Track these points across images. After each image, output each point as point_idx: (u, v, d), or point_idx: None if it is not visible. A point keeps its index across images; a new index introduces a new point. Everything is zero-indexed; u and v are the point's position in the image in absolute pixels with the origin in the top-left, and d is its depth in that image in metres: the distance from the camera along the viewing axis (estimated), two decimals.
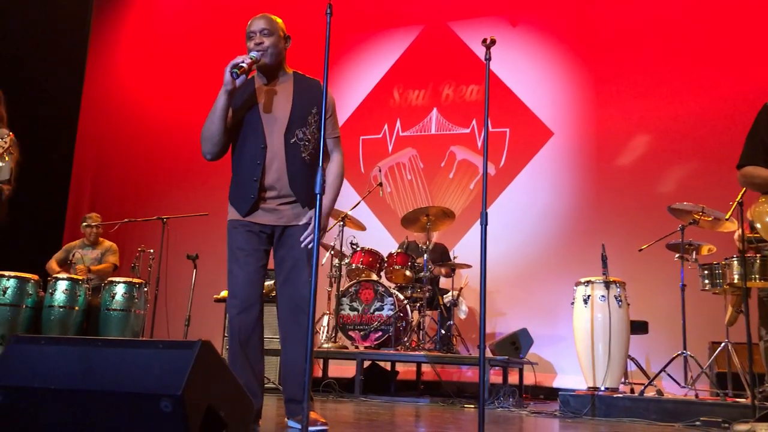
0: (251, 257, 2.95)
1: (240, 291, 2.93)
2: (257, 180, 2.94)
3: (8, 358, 1.92)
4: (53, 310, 5.83)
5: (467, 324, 6.87)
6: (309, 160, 3.01)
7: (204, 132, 2.98)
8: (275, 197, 2.96)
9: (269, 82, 3.05)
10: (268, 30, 3.01)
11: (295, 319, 2.93)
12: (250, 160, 2.95)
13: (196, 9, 8.95)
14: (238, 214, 3.00)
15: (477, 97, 7.65)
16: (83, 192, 8.78)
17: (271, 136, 2.96)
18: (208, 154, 3.01)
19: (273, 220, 2.97)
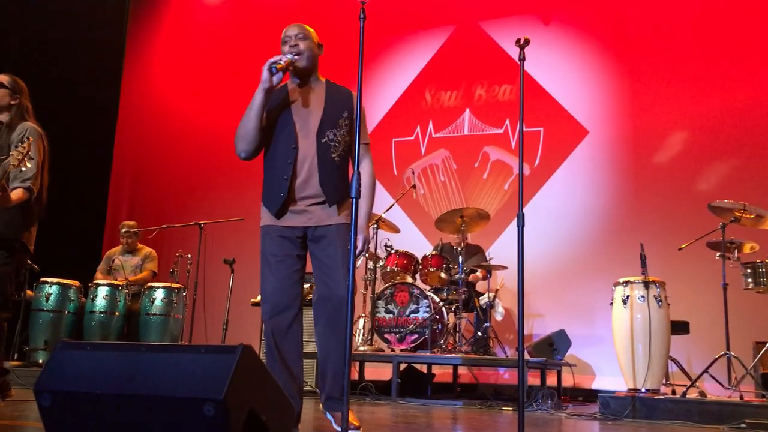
0: (283, 263, 2.98)
1: (271, 296, 2.96)
2: (287, 179, 2.96)
3: (55, 364, 1.96)
4: (94, 315, 5.95)
5: (504, 326, 6.83)
6: (338, 161, 3.04)
7: (239, 130, 3.03)
8: (305, 197, 2.98)
9: (302, 85, 3.11)
10: (303, 34, 3.08)
11: (333, 320, 2.94)
12: (281, 159, 3.00)
13: (230, 15, 9.05)
14: (270, 218, 3.03)
15: (510, 97, 7.60)
16: (121, 199, 8.93)
17: (302, 136, 3.00)
18: (243, 152, 3.06)
19: (303, 222, 2.99)
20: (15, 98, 3.75)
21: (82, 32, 8.28)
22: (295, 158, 2.97)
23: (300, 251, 3.02)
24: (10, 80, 3.77)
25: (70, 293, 6.00)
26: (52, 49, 7.80)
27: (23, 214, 3.61)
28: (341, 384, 2.90)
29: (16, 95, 3.75)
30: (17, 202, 3.51)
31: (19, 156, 3.31)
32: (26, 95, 3.81)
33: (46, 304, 5.88)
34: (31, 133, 3.60)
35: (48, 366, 1.97)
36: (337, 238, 2.98)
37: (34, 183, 3.57)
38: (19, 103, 3.75)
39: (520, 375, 2.60)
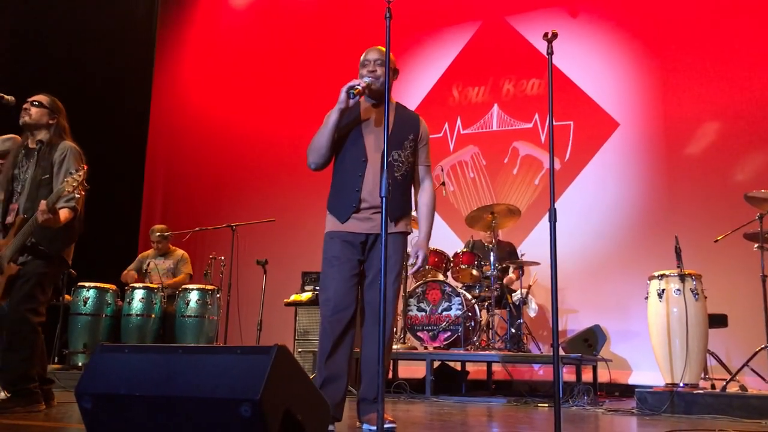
0: (345, 265, 3.13)
1: (334, 296, 3.10)
2: (359, 191, 3.15)
3: (95, 367, 2.00)
4: (131, 318, 6.05)
5: (537, 322, 6.78)
6: (401, 180, 3.22)
7: (313, 144, 3.21)
8: (368, 207, 3.15)
9: (375, 106, 3.28)
10: (381, 60, 3.23)
11: (376, 321, 3.08)
12: (351, 172, 3.18)
13: (257, 17, 9.11)
14: (335, 224, 3.19)
15: (538, 91, 7.53)
16: (155, 203, 9.05)
17: (371, 152, 3.17)
18: (313, 164, 3.24)
19: (366, 229, 3.15)
20: (53, 117, 3.85)
21: (112, 40, 8.41)
22: (364, 171, 3.15)
23: (360, 256, 3.17)
24: (48, 100, 3.87)
25: (107, 297, 6.11)
26: (84, 58, 7.93)
27: (66, 232, 3.74)
28: (376, 386, 3.04)
29: (54, 114, 3.86)
30: (65, 222, 3.64)
31: (75, 183, 3.43)
32: (63, 115, 3.92)
33: (84, 308, 6.00)
34: (72, 153, 3.71)
35: (88, 369, 2.01)
36: (392, 245, 3.14)
37: (77, 202, 3.69)
38: (57, 122, 3.86)
39: (555, 371, 2.58)
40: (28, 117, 3.79)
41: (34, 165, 3.76)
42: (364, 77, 3.19)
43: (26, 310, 3.60)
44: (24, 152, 3.85)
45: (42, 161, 3.74)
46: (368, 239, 3.15)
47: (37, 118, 3.80)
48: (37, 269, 3.66)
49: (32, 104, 3.81)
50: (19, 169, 3.81)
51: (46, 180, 3.67)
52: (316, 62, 8.34)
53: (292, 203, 7.75)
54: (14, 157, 3.87)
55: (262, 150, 8.42)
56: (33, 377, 3.66)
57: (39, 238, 3.66)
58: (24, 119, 3.80)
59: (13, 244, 3.67)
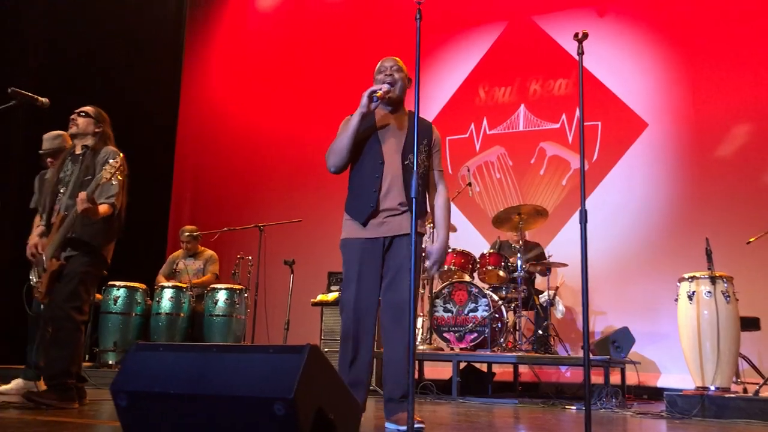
0: (363, 272, 3.19)
1: (354, 302, 3.17)
2: (376, 191, 3.22)
3: (130, 365, 2.03)
4: (160, 317, 6.12)
5: (564, 324, 6.74)
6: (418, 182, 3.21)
7: (333, 147, 3.30)
8: (385, 210, 3.22)
9: (391, 112, 3.37)
10: (398, 67, 3.37)
11: (397, 321, 3.12)
12: (369, 175, 3.25)
13: (286, 19, 9.15)
14: (353, 230, 3.26)
15: (566, 91, 7.48)
16: (183, 203, 9.14)
17: (388, 155, 3.27)
18: (333, 167, 3.32)
19: (382, 232, 3.22)
20: (99, 126, 4.01)
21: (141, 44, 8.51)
22: (381, 173, 3.23)
23: (378, 261, 3.23)
24: (94, 110, 4.04)
25: (137, 296, 6.19)
26: (113, 62, 8.04)
27: (106, 229, 3.85)
28: (402, 386, 3.09)
29: (99, 124, 4.02)
30: (103, 215, 3.77)
31: (112, 170, 3.55)
32: (108, 124, 4.09)
33: (115, 306, 6.08)
34: (114, 155, 3.80)
35: (123, 367, 2.04)
36: (407, 245, 3.17)
37: (116, 199, 3.81)
38: (102, 131, 4.02)
39: (586, 373, 2.57)
40: (76, 127, 3.97)
41: (78, 168, 3.90)
42: (383, 83, 3.27)
43: (71, 308, 3.70)
44: (70, 158, 4.02)
45: (85, 164, 3.89)
46: (384, 242, 3.22)
47: (83, 128, 3.97)
48: (80, 268, 3.76)
49: (79, 115, 3.99)
50: (64, 173, 3.95)
51: (88, 181, 3.80)
52: (343, 64, 8.37)
53: (319, 204, 7.78)
54: (61, 162, 4.06)
55: (288, 151, 8.47)
56: (72, 374, 3.74)
57: (80, 232, 3.77)
58: (72, 129, 3.98)
59: (54, 241, 3.78)
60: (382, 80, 3.29)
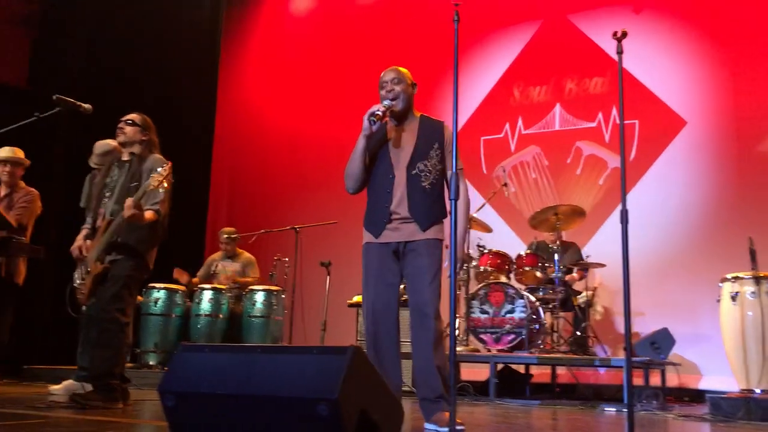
0: (381, 274, 3.31)
1: (373, 304, 3.28)
2: (388, 206, 3.32)
3: (177, 366, 2.07)
4: (200, 318, 6.21)
5: (603, 325, 6.66)
6: (429, 189, 3.34)
7: (347, 170, 3.43)
8: (398, 218, 3.32)
9: (399, 123, 3.44)
10: (398, 78, 3.40)
11: (420, 324, 3.20)
12: (381, 189, 3.36)
13: (322, 21, 9.19)
14: (371, 237, 3.37)
15: (602, 90, 7.40)
16: (220, 206, 9.24)
17: (397, 168, 3.35)
18: (351, 189, 3.46)
19: (396, 237, 3.31)
20: (145, 134, 4.09)
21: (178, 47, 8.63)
22: (392, 187, 3.33)
23: (395, 264, 3.33)
24: (140, 118, 4.11)
25: (177, 297, 6.29)
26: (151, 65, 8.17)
27: (150, 235, 3.94)
28: (432, 386, 3.15)
29: (146, 132, 4.10)
30: (148, 221, 3.84)
31: (160, 178, 3.62)
32: (154, 131, 4.17)
33: (155, 308, 6.18)
34: (162, 164, 3.88)
35: (170, 368, 2.09)
36: (425, 249, 3.27)
37: (161, 206, 3.88)
38: (148, 138, 4.10)
39: (627, 375, 2.54)
40: (123, 136, 4.05)
41: (124, 174, 3.98)
42: (384, 99, 3.34)
43: (115, 310, 3.79)
44: (117, 164, 4.11)
45: (132, 171, 3.96)
46: (399, 247, 3.31)
47: (131, 136, 4.04)
48: (125, 272, 3.84)
49: (126, 123, 4.06)
50: (110, 178, 4.04)
51: (134, 187, 3.87)
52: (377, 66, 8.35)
53: (354, 205, 7.74)
54: (108, 168, 4.15)
55: (324, 153, 8.51)
56: (115, 375, 3.82)
57: (126, 237, 3.85)
58: (119, 138, 4.06)
59: (100, 244, 3.87)
60: (384, 96, 3.36)
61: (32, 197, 5.21)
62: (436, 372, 3.13)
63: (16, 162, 5.20)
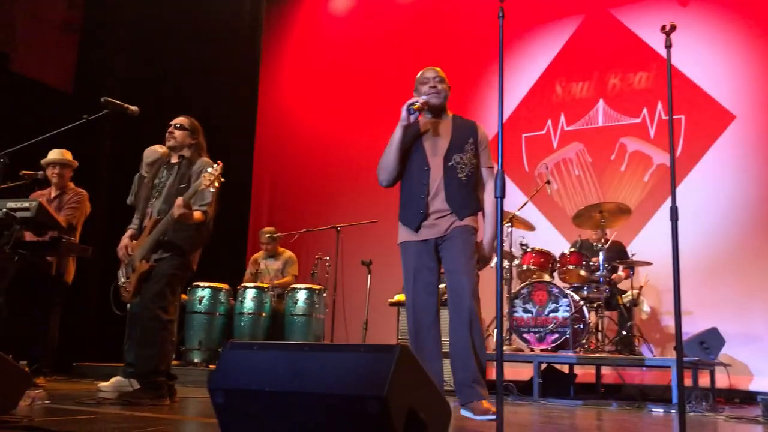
0: (421, 273, 3.34)
1: (413, 303, 3.33)
2: (424, 197, 3.36)
3: (226, 363, 2.09)
4: (243, 316, 6.28)
5: (649, 324, 6.55)
6: (465, 180, 3.40)
7: (381, 162, 3.48)
8: (434, 212, 3.36)
9: (433, 118, 3.52)
10: (440, 78, 3.51)
11: (457, 304, 3.24)
12: (416, 181, 3.40)
13: (360, 20, 9.21)
14: (407, 234, 3.41)
15: (646, 85, 7.26)
16: (262, 206, 9.32)
17: (433, 160, 3.40)
18: (384, 181, 3.50)
19: (433, 234, 3.35)
20: (194, 138, 4.16)
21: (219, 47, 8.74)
22: (428, 179, 3.37)
23: (434, 262, 3.37)
24: (188, 122, 4.18)
25: (221, 296, 6.37)
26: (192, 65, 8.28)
27: (195, 235, 4.00)
28: (469, 367, 3.17)
29: (194, 135, 4.17)
30: (196, 221, 3.90)
31: (211, 177, 3.67)
32: (202, 134, 4.23)
33: (199, 306, 6.27)
34: (208, 168, 3.92)
35: (219, 365, 2.11)
36: (459, 236, 3.32)
37: (209, 207, 3.95)
38: (197, 142, 4.16)
39: (679, 375, 2.49)
40: (174, 140, 4.11)
41: (173, 176, 4.04)
42: (423, 94, 3.42)
43: (158, 308, 3.84)
44: (166, 166, 4.19)
45: (181, 173, 4.03)
46: (437, 242, 3.35)
47: (180, 140, 4.11)
48: (168, 270, 3.90)
49: (176, 127, 4.13)
50: (159, 179, 4.10)
51: (182, 189, 3.93)
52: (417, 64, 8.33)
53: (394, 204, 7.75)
54: (156, 170, 4.22)
55: (364, 152, 8.49)
56: (161, 372, 3.87)
57: (172, 237, 3.91)
58: (169, 142, 4.13)
59: (146, 243, 3.93)
60: (426, 92, 3.43)
61: (81, 198, 5.33)
62: (472, 353, 3.16)
63: (65, 164, 5.32)
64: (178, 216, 3.75)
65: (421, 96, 3.42)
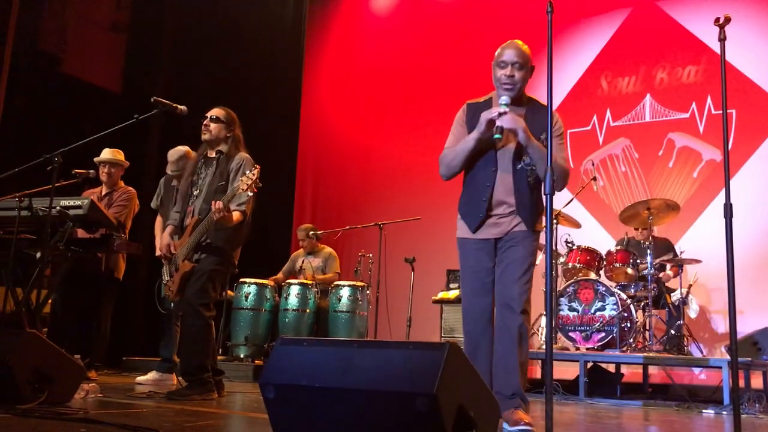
0: (479, 273, 3.16)
1: (470, 303, 3.18)
2: (486, 200, 3.14)
3: (276, 359, 2.11)
4: (287, 313, 6.34)
5: (698, 323, 6.41)
6: (533, 184, 3.16)
7: (446, 157, 3.23)
8: (497, 214, 3.15)
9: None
10: (520, 63, 3.15)
11: (505, 319, 3.06)
12: (481, 181, 3.17)
13: (403, 18, 9.19)
14: (466, 231, 3.22)
15: (695, 79, 7.10)
16: (305, 203, 9.39)
17: (502, 161, 3.14)
18: (445, 176, 3.29)
19: (495, 234, 3.16)
20: (230, 130, 4.14)
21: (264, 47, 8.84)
22: (493, 182, 3.13)
23: (491, 263, 3.18)
24: (224, 114, 4.14)
25: (266, 292, 6.44)
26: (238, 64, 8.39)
27: (235, 235, 4.03)
28: (511, 383, 3.00)
29: (231, 127, 4.14)
30: (235, 222, 3.94)
31: (248, 182, 3.70)
32: (238, 126, 4.19)
33: (246, 302, 6.35)
34: (247, 163, 3.96)
35: (270, 361, 2.13)
36: (522, 241, 3.12)
37: (247, 207, 3.98)
38: (233, 134, 4.14)
39: (734, 375, 2.43)
40: (209, 134, 4.08)
41: (212, 173, 4.06)
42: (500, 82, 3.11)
43: (200, 305, 3.89)
44: (203, 161, 4.18)
45: (220, 169, 4.03)
46: (497, 243, 3.17)
47: (216, 134, 4.09)
48: (209, 266, 3.94)
49: (211, 120, 4.10)
50: (197, 176, 4.13)
51: (222, 186, 3.96)
52: (458, 59, 8.31)
53: (437, 201, 7.75)
54: (194, 166, 4.23)
55: (407, 150, 8.52)
56: (207, 368, 3.93)
57: (213, 238, 3.96)
58: (205, 136, 4.10)
59: (188, 243, 3.99)
60: (502, 80, 3.11)
61: (130, 195, 5.44)
62: (517, 370, 3.00)
63: (116, 163, 5.44)
64: (218, 219, 3.79)
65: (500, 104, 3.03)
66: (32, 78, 6.81)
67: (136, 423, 2.58)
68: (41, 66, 7.07)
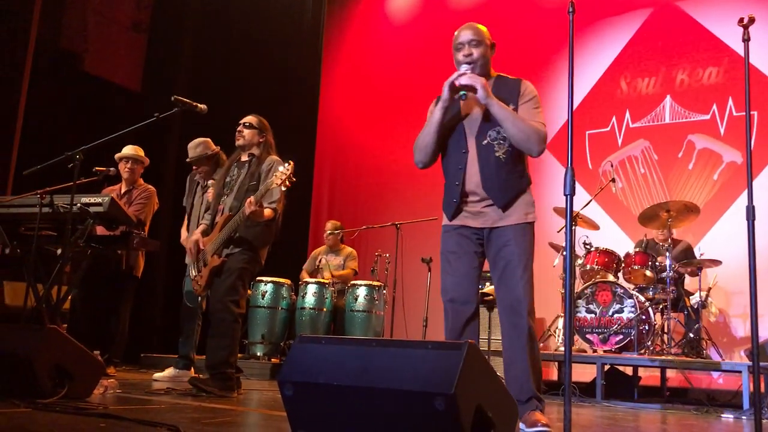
0: (461, 259, 3.00)
1: (451, 291, 3.00)
2: (459, 184, 2.98)
3: (295, 356, 2.12)
4: (304, 311, 6.36)
5: (718, 327, 6.35)
6: (504, 159, 2.95)
7: (418, 142, 3.11)
8: (477, 201, 2.98)
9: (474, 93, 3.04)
10: (476, 40, 3.05)
11: (513, 323, 2.92)
12: (453, 165, 3.03)
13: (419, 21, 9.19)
14: (446, 220, 3.08)
15: (716, 80, 7.03)
16: (322, 203, 9.41)
17: (470, 140, 3.00)
18: (419, 162, 3.13)
19: (479, 223, 2.99)
20: (262, 136, 4.26)
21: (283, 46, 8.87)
22: (465, 163, 2.98)
23: (477, 248, 3.02)
24: (257, 120, 4.26)
25: (283, 291, 6.47)
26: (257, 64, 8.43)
27: (265, 232, 4.09)
28: (524, 388, 2.88)
29: (263, 133, 4.26)
30: (267, 219, 4.01)
31: (282, 176, 3.75)
32: (270, 132, 4.32)
33: (262, 301, 6.38)
34: (277, 166, 3.99)
35: (289, 359, 2.14)
36: (513, 238, 2.94)
37: (278, 205, 4.06)
38: (265, 140, 4.26)
39: (755, 380, 2.41)
40: (242, 139, 4.20)
41: (244, 173, 4.14)
42: (459, 64, 3.01)
43: (230, 302, 3.95)
44: (236, 164, 4.28)
45: (251, 170, 4.13)
46: (483, 233, 2.99)
47: (249, 139, 4.21)
48: (239, 264, 4.00)
49: (244, 126, 4.22)
50: (230, 177, 4.21)
51: (253, 186, 4.04)
52: None
53: None
54: (227, 168, 4.32)
55: None
56: (231, 364, 3.97)
57: (244, 233, 4.01)
58: (239, 141, 4.22)
59: (218, 238, 4.04)
60: (461, 61, 3.02)
61: (150, 193, 5.49)
62: (529, 374, 2.87)
63: (137, 160, 5.48)
64: (250, 214, 3.84)
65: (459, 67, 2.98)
66: (54, 77, 6.89)
67: (155, 419, 2.60)
68: (63, 65, 7.15)
